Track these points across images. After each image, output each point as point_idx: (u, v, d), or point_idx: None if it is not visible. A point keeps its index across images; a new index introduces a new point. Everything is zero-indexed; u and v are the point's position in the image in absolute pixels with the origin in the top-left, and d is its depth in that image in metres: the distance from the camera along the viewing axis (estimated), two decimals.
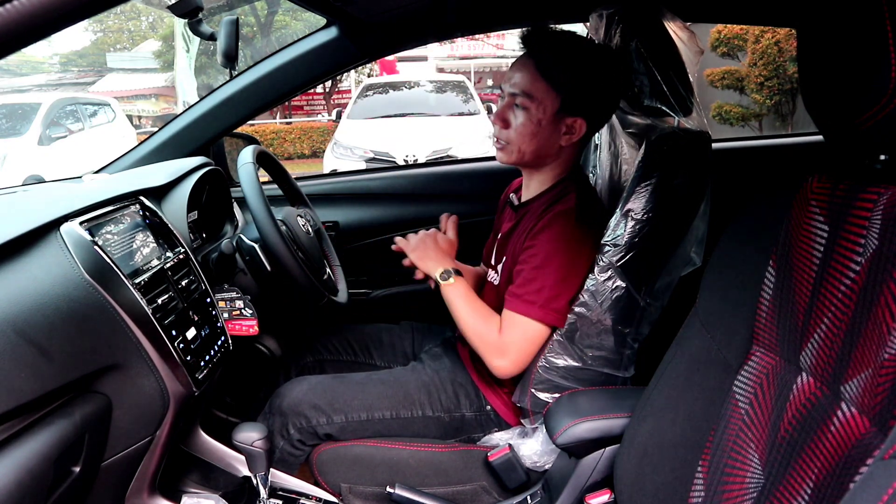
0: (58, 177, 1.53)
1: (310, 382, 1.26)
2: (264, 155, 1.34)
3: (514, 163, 1.21)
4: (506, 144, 1.19)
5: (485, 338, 1.16)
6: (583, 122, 1.15)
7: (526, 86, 1.13)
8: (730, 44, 6.48)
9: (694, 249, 1.20)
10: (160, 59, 16.88)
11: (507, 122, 1.18)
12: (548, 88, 1.12)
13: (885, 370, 0.61)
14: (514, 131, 1.17)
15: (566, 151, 1.20)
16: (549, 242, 1.12)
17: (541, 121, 1.14)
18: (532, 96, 1.13)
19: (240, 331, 1.18)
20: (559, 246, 1.11)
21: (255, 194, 1.14)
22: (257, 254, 1.20)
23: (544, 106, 1.13)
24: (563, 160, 1.22)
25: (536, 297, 1.12)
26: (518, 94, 1.15)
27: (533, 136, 1.16)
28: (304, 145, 11.63)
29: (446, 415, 1.25)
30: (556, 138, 1.16)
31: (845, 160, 0.75)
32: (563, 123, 1.15)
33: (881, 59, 0.63)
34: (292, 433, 1.22)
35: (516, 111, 1.16)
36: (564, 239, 1.11)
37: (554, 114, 1.14)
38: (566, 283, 1.12)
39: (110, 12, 18.00)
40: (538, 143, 1.16)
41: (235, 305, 1.18)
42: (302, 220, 1.34)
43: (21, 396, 0.71)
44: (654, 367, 1.00)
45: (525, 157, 1.19)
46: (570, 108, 1.13)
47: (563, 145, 1.17)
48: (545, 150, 1.18)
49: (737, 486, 0.78)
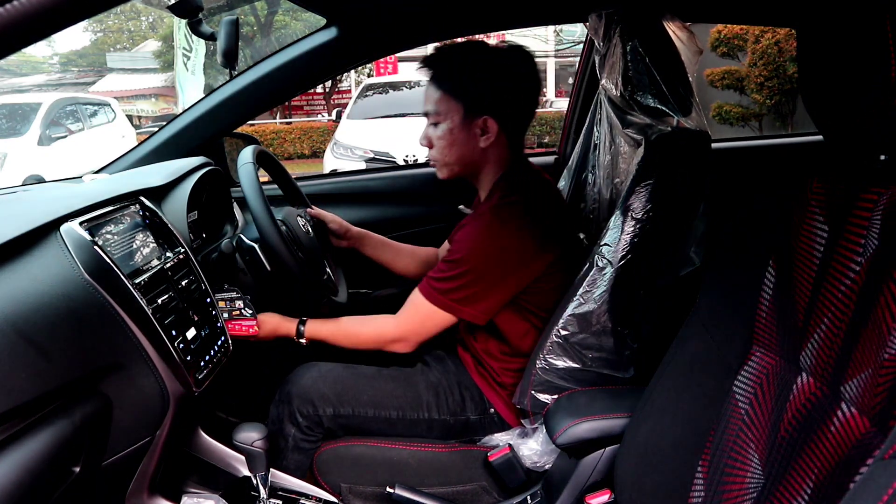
0: (58, 177, 1.53)
1: (320, 370, 1.27)
2: (264, 155, 1.34)
3: (449, 177, 1.28)
4: (436, 162, 1.27)
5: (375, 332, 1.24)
6: (492, 120, 1.19)
7: (431, 103, 1.22)
8: (730, 44, 6.47)
9: (693, 249, 1.20)
10: (160, 59, 16.88)
11: (430, 142, 1.26)
12: (448, 98, 1.20)
13: (885, 370, 0.61)
14: (436, 147, 1.24)
15: (492, 153, 1.24)
16: (463, 239, 1.17)
17: (452, 129, 1.21)
18: (438, 111, 1.21)
19: (240, 331, 1.18)
20: (470, 244, 1.15)
21: (254, 194, 1.14)
22: (257, 253, 1.20)
23: (451, 115, 1.20)
24: (493, 161, 1.25)
25: (438, 284, 1.17)
26: (429, 114, 1.23)
27: (451, 145, 1.22)
28: (304, 145, 11.63)
29: (451, 417, 1.25)
30: (473, 142, 1.22)
31: (845, 160, 0.75)
32: (474, 126, 1.20)
33: (881, 58, 0.63)
34: (300, 420, 1.22)
35: (433, 129, 1.24)
36: (475, 238, 1.15)
37: (462, 120, 1.20)
38: (471, 276, 1.14)
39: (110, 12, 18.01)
40: (458, 150, 1.23)
41: (235, 305, 1.18)
42: (302, 220, 1.34)
43: (21, 396, 0.71)
44: (654, 367, 1.00)
45: (455, 169, 1.26)
46: (473, 110, 1.19)
47: (483, 147, 1.22)
48: (468, 156, 1.23)
49: (737, 486, 0.78)
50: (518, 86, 1.22)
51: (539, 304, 1.21)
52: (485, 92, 1.18)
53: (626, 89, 1.25)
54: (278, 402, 1.26)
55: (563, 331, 1.16)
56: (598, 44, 1.31)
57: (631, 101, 1.27)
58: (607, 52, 1.28)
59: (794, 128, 6.51)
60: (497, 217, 1.15)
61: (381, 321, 1.24)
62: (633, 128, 1.26)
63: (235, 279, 1.24)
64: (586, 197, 1.56)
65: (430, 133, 1.24)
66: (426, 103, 1.23)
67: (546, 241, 1.17)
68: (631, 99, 1.26)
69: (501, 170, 1.25)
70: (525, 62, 1.21)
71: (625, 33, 1.25)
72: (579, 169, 1.59)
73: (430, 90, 1.22)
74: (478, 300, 1.16)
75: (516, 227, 1.15)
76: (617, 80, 1.26)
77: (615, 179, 1.38)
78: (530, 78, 1.23)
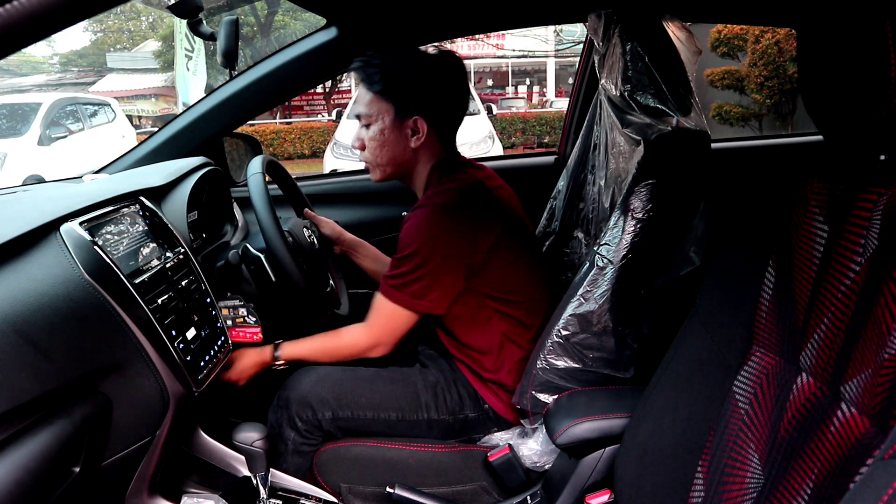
0: (58, 177, 1.53)
1: (318, 374, 1.27)
2: (273, 164, 1.35)
3: (382, 178, 1.31)
4: (369, 164, 1.30)
5: (351, 341, 1.24)
6: (422, 120, 1.22)
7: (363, 105, 1.25)
8: (730, 44, 6.48)
9: (693, 249, 1.20)
10: (160, 59, 16.89)
11: (363, 144, 1.28)
12: (378, 100, 1.22)
13: (884, 370, 0.61)
14: (369, 149, 1.27)
15: (423, 153, 1.27)
16: (405, 235, 1.19)
17: (384, 130, 1.24)
18: (370, 112, 1.24)
19: (244, 338, 1.18)
20: (413, 237, 1.17)
21: (263, 205, 1.15)
22: (263, 264, 1.20)
23: (381, 116, 1.23)
24: (424, 161, 1.28)
25: (392, 282, 1.19)
26: (361, 115, 1.26)
27: (382, 146, 1.25)
28: (304, 145, 11.63)
29: (451, 417, 1.25)
30: (404, 143, 1.24)
31: (845, 160, 0.76)
32: (405, 127, 1.23)
33: (881, 59, 0.63)
34: (299, 425, 1.23)
35: (365, 131, 1.26)
36: (418, 231, 1.17)
37: (393, 120, 1.23)
38: (423, 269, 1.16)
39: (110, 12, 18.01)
40: (390, 151, 1.25)
41: (239, 313, 1.19)
42: (308, 232, 1.34)
43: (21, 396, 0.71)
44: (654, 367, 1.00)
45: (387, 170, 1.29)
46: (403, 110, 1.22)
47: (414, 147, 1.25)
48: (399, 156, 1.26)
49: (737, 486, 0.78)
50: (446, 87, 1.24)
51: (494, 287, 1.22)
52: (414, 93, 1.21)
53: (626, 89, 1.25)
54: (276, 408, 1.26)
55: (564, 331, 1.16)
56: (597, 44, 1.31)
57: (630, 101, 1.27)
58: (607, 52, 1.28)
59: (794, 128, 6.51)
60: (433, 205, 1.17)
61: (353, 332, 1.25)
62: (632, 128, 1.26)
63: (240, 288, 1.24)
64: (586, 197, 1.56)
65: (363, 135, 1.27)
66: (358, 105, 1.26)
67: (485, 219, 1.20)
68: (630, 99, 1.26)
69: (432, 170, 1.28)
70: (453, 66, 1.25)
71: (624, 33, 1.25)
72: (579, 169, 1.59)
73: (361, 93, 1.25)
74: (431, 290, 1.17)
75: (452, 210, 1.17)
76: (616, 80, 1.26)
77: (615, 179, 1.38)
78: (458, 81, 1.26)
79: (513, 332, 1.25)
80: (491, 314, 1.24)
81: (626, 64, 1.24)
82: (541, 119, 11.93)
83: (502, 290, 1.23)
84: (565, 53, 16.54)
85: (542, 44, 16.21)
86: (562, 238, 1.64)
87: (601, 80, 1.31)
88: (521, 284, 1.25)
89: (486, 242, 1.19)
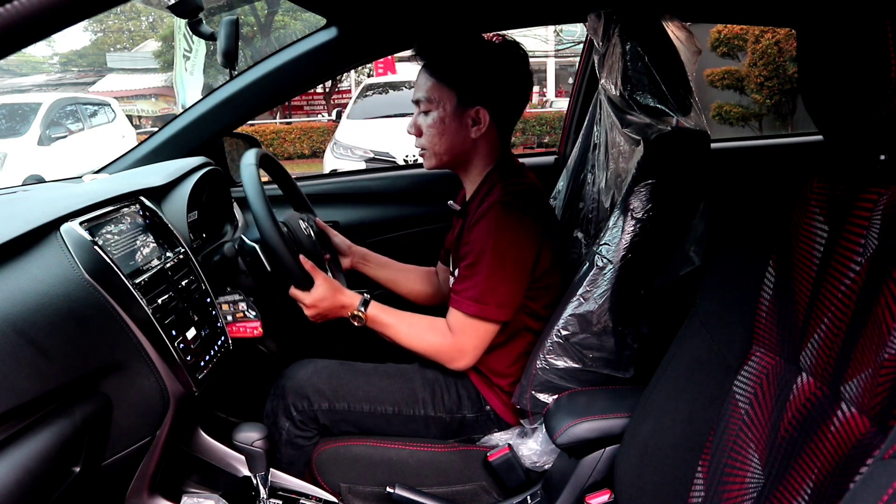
0: (58, 177, 1.53)
1: (316, 366, 1.26)
2: (268, 159, 1.34)
3: (437, 166, 1.27)
4: (424, 151, 1.27)
5: (438, 346, 1.18)
6: (484, 111, 1.19)
7: (424, 91, 1.22)
8: (730, 44, 6.48)
9: (693, 249, 1.20)
10: (160, 59, 16.89)
11: (419, 130, 1.25)
12: (441, 87, 1.19)
13: (885, 370, 0.61)
14: (426, 136, 1.24)
15: (482, 144, 1.24)
16: (479, 238, 1.14)
17: (444, 118, 1.21)
18: (431, 98, 1.21)
19: (244, 333, 1.18)
20: (488, 239, 1.13)
21: (255, 193, 1.14)
22: (258, 254, 1.20)
23: (443, 104, 1.20)
24: (483, 154, 1.25)
25: (473, 294, 1.14)
26: (421, 101, 1.23)
27: (441, 134, 1.22)
28: (304, 145, 11.63)
29: (448, 415, 1.25)
30: (464, 132, 1.21)
31: (845, 160, 0.76)
32: (466, 116, 1.20)
33: (881, 58, 0.63)
34: (295, 415, 1.22)
35: (424, 117, 1.24)
36: (492, 231, 1.13)
37: (454, 109, 1.20)
38: (501, 275, 1.13)
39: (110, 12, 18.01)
40: (449, 140, 1.22)
41: (239, 308, 1.19)
42: (304, 224, 1.34)
43: (21, 396, 0.71)
44: (654, 367, 1.00)
45: (444, 158, 1.25)
46: (467, 99, 1.19)
47: (474, 138, 1.22)
48: (458, 145, 1.23)
49: (737, 486, 0.78)
50: (511, 79, 1.22)
51: (535, 299, 1.21)
52: (479, 82, 1.18)
53: (626, 89, 1.25)
54: (273, 397, 1.26)
55: (564, 331, 1.16)
56: (597, 44, 1.31)
57: (630, 101, 1.27)
58: (607, 52, 1.28)
59: (794, 128, 6.51)
60: (508, 206, 1.14)
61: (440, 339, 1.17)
62: (632, 127, 1.26)
63: (238, 282, 1.24)
64: (586, 197, 1.56)
65: (420, 121, 1.24)
66: (417, 91, 1.23)
67: (547, 229, 1.18)
68: (630, 99, 1.26)
69: (491, 163, 1.26)
70: (519, 57, 1.22)
71: (624, 33, 1.25)
72: (579, 169, 1.59)
73: (422, 78, 1.21)
74: (509, 296, 1.14)
75: (526, 214, 1.15)
76: (616, 80, 1.26)
77: (615, 179, 1.38)
78: (523, 73, 1.23)
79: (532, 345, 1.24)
80: (521, 328, 1.23)
81: (625, 64, 1.24)
82: (541, 119, 11.93)
83: (540, 304, 1.22)
84: (565, 53, 16.53)
85: (542, 44, 16.20)
86: None
87: (601, 80, 1.31)
88: (555, 300, 1.22)
89: (548, 254, 1.18)
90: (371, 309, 1.19)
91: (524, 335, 1.24)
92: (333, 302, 1.18)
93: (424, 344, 1.19)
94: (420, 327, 1.19)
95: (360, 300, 1.19)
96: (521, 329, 1.23)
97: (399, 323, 1.20)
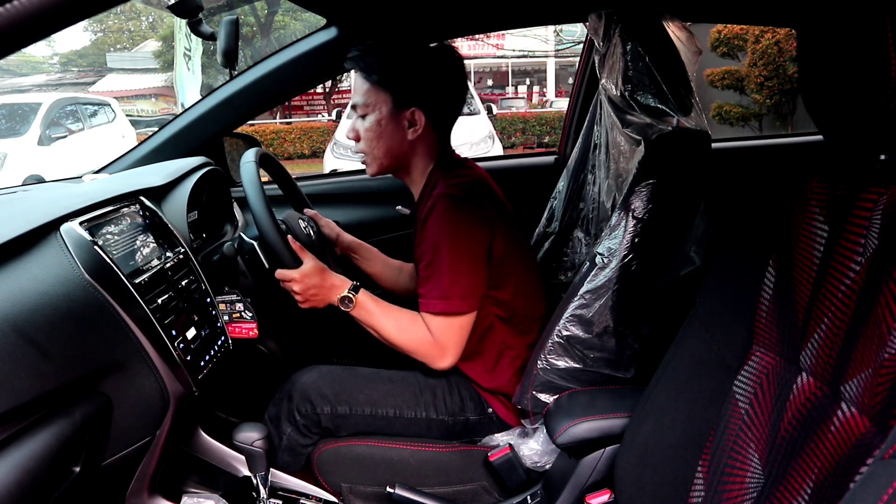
0: (58, 177, 1.53)
1: (320, 371, 1.27)
2: (267, 157, 1.34)
3: (378, 172, 1.27)
4: (365, 157, 1.27)
5: (419, 341, 1.17)
6: (420, 112, 1.20)
7: (360, 95, 1.21)
8: (730, 44, 6.48)
9: (694, 249, 1.20)
10: (160, 59, 16.90)
11: (357, 135, 1.25)
12: (376, 90, 1.20)
13: (884, 370, 0.61)
14: (364, 140, 1.24)
15: (420, 145, 1.24)
16: (431, 234, 1.14)
17: (381, 121, 1.21)
18: (367, 102, 1.21)
19: (240, 333, 1.18)
20: (439, 233, 1.13)
21: (254, 191, 1.14)
22: (256, 251, 1.20)
23: (379, 107, 1.20)
24: (421, 154, 1.25)
25: (436, 293, 1.14)
26: (358, 105, 1.23)
27: (379, 137, 1.22)
28: (304, 145, 11.63)
29: (450, 418, 1.25)
30: (401, 134, 1.22)
31: (845, 160, 0.76)
32: (402, 118, 1.21)
33: (881, 58, 0.63)
34: (298, 419, 1.22)
35: (361, 121, 1.23)
36: (442, 224, 1.13)
37: (390, 111, 1.20)
38: (459, 266, 1.13)
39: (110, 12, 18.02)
40: (386, 143, 1.23)
41: (236, 308, 1.18)
42: (303, 223, 1.34)
43: (21, 396, 0.71)
44: (654, 367, 1.00)
45: (384, 162, 1.26)
46: (402, 101, 1.19)
47: (411, 139, 1.22)
48: (396, 148, 1.23)
49: (737, 486, 0.78)
50: (446, 80, 1.22)
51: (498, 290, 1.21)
52: (413, 83, 1.19)
53: (626, 89, 1.25)
54: (278, 401, 1.26)
55: (565, 331, 1.16)
56: (597, 44, 1.31)
57: (631, 101, 1.27)
58: (607, 52, 1.28)
59: (794, 128, 6.52)
60: (449, 197, 1.14)
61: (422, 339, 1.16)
62: (632, 127, 1.26)
63: (236, 282, 1.24)
64: (586, 197, 1.56)
65: (358, 125, 1.24)
66: (354, 95, 1.23)
67: (497, 216, 1.19)
68: (631, 99, 1.26)
69: (431, 162, 1.26)
70: (452, 59, 1.23)
71: (624, 33, 1.25)
72: (579, 169, 1.59)
73: (358, 82, 1.21)
74: (471, 286, 1.15)
75: (468, 201, 1.15)
76: (617, 80, 1.26)
77: (615, 179, 1.38)
78: (457, 74, 1.24)
79: (511, 342, 1.25)
80: (493, 321, 1.23)
81: (626, 64, 1.24)
82: (541, 119, 11.94)
83: (505, 295, 1.22)
84: (565, 53, 16.55)
85: (542, 44, 16.21)
86: (562, 238, 1.64)
87: (601, 80, 1.31)
88: (521, 290, 1.24)
89: (497, 239, 1.18)
90: (361, 295, 1.19)
91: (495, 329, 1.24)
92: (322, 281, 1.17)
93: (406, 338, 1.18)
94: (404, 321, 1.19)
95: (351, 284, 1.19)
96: (490, 325, 1.23)
97: (385, 314, 1.19)
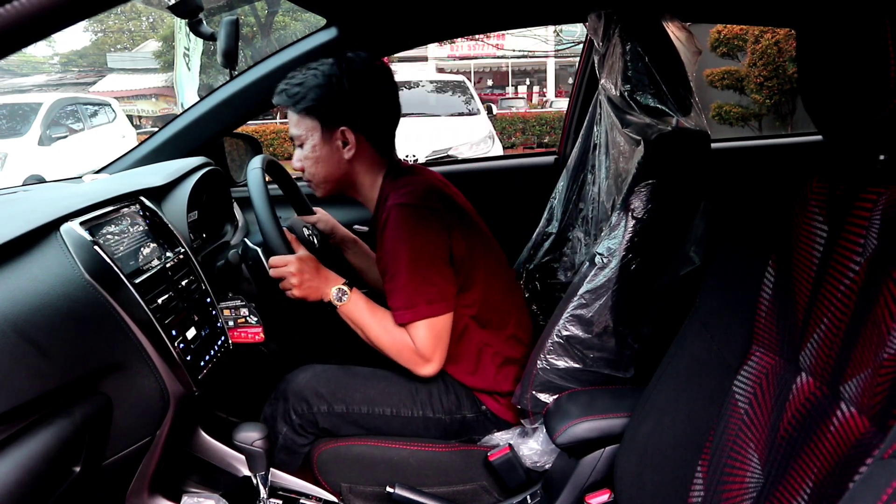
0: (58, 177, 1.53)
1: (315, 370, 1.27)
2: (273, 164, 1.35)
3: (327, 194, 1.30)
4: (311, 182, 1.30)
5: (402, 347, 1.17)
6: (349, 131, 1.22)
7: (293, 126, 1.25)
8: (730, 44, 6.48)
9: (694, 249, 1.20)
10: (160, 60, 16.91)
11: (301, 165, 1.28)
12: (304, 118, 1.22)
13: (884, 370, 0.61)
14: (307, 167, 1.27)
15: (359, 162, 1.26)
16: (389, 246, 1.16)
17: (315, 146, 1.24)
18: (299, 133, 1.24)
19: (245, 338, 1.19)
20: (396, 242, 1.15)
21: (260, 198, 1.15)
22: (260, 258, 1.20)
23: (311, 133, 1.23)
24: (364, 171, 1.27)
25: (401, 303, 1.15)
26: (294, 137, 1.26)
27: (317, 162, 1.25)
28: None
29: (447, 416, 1.25)
30: (337, 155, 1.24)
31: (845, 160, 0.76)
32: (334, 140, 1.23)
33: (881, 58, 0.63)
34: (294, 419, 1.23)
35: (300, 150, 1.27)
36: (399, 233, 1.15)
37: (321, 136, 1.23)
38: (421, 273, 1.14)
39: (110, 12, 18.02)
40: (325, 167, 1.25)
41: (240, 313, 1.19)
42: (308, 231, 1.34)
43: (21, 396, 0.71)
44: (654, 367, 1.00)
45: (330, 185, 1.29)
46: (329, 123, 1.22)
47: (348, 159, 1.24)
48: (335, 169, 1.26)
49: (736, 486, 0.78)
50: (370, 94, 1.23)
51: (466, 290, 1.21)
52: (336, 104, 1.20)
53: (626, 89, 1.25)
54: (273, 400, 1.26)
55: (565, 331, 1.16)
56: (597, 44, 1.31)
57: (630, 101, 1.27)
58: (607, 52, 1.28)
59: (794, 128, 6.52)
60: (398, 206, 1.15)
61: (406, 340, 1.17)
62: (632, 127, 1.27)
63: (240, 289, 1.24)
64: (586, 197, 1.56)
65: (299, 155, 1.27)
66: (290, 128, 1.26)
67: (451, 217, 1.20)
68: (630, 99, 1.26)
69: (378, 175, 1.27)
70: (374, 71, 1.23)
71: (624, 33, 1.25)
72: (579, 169, 1.59)
73: (289, 115, 1.24)
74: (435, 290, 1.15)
75: (425, 208, 1.16)
76: (616, 80, 1.26)
77: (615, 179, 1.38)
78: (382, 86, 1.24)
79: (488, 339, 1.25)
80: (467, 322, 1.23)
81: (626, 64, 1.24)
82: (541, 119, 11.94)
83: (474, 294, 1.22)
84: (565, 53, 16.56)
85: (542, 44, 16.22)
86: (561, 238, 1.64)
87: (601, 80, 1.31)
88: (490, 285, 1.24)
89: (457, 240, 1.19)
90: (355, 292, 1.20)
91: (471, 330, 1.24)
92: (316, 274, 1.18)
93: (391, 341, 1.18)
94: (390, 324, 1.19)
95: (344, 280, 1.20)
96: (465, 327, 1.23)
97: (375, 314, 1.19)
